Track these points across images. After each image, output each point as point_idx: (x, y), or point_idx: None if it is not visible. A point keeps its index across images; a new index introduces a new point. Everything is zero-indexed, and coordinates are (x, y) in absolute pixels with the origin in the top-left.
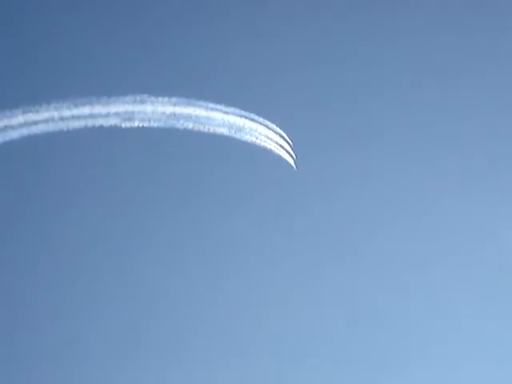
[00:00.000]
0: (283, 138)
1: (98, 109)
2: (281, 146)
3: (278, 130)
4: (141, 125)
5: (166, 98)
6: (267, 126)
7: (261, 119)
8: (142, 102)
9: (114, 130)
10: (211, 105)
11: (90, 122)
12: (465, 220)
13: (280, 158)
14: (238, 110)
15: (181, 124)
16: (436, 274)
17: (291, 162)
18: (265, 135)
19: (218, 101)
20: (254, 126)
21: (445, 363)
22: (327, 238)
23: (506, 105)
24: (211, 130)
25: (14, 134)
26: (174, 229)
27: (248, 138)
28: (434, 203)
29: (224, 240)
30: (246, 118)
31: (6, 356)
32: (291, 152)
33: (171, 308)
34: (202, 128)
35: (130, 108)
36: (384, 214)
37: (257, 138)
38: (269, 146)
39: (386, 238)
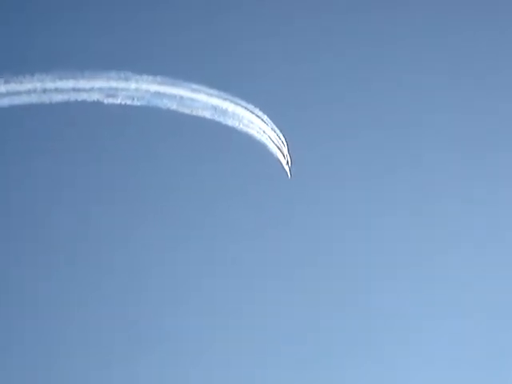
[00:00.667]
0: (274, 130)
1: (82, 83)
2: (269, 136)
3: (270, 121)
4: (123, 102)
5: (151, 77)
6: (254, 114)
7: (246, 104)
8: (127, 79)
9: (97, 105)
10: (197, 86)
11: (73, 96)
12: (468, 224)
13: (266, 145)
14: (225, 95)
15: (164, 104)
16: (436, 274)
17: (283, 162)
18: (258, 126)
19: (205, 84)
20: (239, 110)
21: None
22: (319, 237)
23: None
24: (195, 113)
25: None
26: (148, 209)
27: (232, 122)
28: (435, 206)
29: (203, 229)
30: (231, 102)
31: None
32: (284, 151)
33: (159, 305)
34: (186, 110)
35: (113, 84)
36: (383, 216)
37: (239, 123)
38: (251, 131)
39: (384, 239)
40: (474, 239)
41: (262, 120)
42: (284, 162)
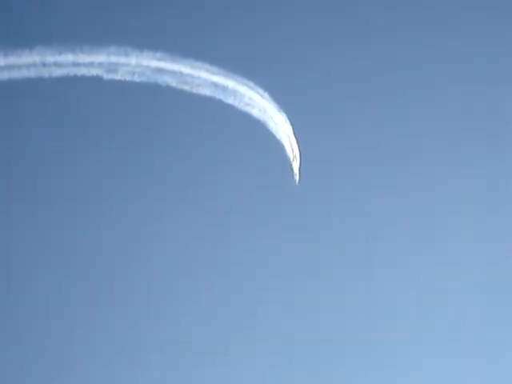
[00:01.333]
0: (278, 110)
1: (82, 58)
2: (271, 117)
3: (272, 100)
4: (123, 78)
5: (151, 53)
6: (255, 92)
7: (247, 82)
8: (127, 54)
9: (96, 80)
10: (198, 63)
11: (73, 71)
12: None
13: (267, 125)
14: (226, 72)
15: (164, 80)
16: (444, 278)
17: (287, 147)
18: (260, 105)
19: (208, 61)
20: (240, 88)
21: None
22: (318, 234)
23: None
24: (195, 90)
25: None
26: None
27: (233, 101)
28: (454, 207)
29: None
30: (232, 79)
31: None
32: (288, 132)
33: (159, 306)
34: (186, 87)
35: (114, 59)
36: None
37: (240, 101)
38: (252, 110)
39: (398, 241)
40: (477, 240)
41: (263, 97)
42: (288, 147)
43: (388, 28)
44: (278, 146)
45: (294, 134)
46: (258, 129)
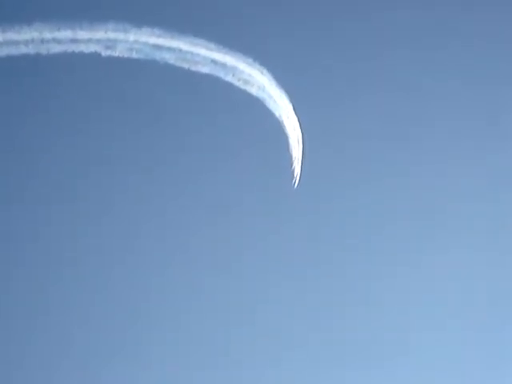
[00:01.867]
0: (277, 87)
1: (81, 34)
2: (271, 95)
3: (272, 77)
4: (121, 55)
5: (150, 29)
6: (255, 69)
7: (246, 58)
8: (125, 31)
9: (94, 56)
10: (197, 40)
11: (71, 47)
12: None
13: (267, 104)
14: (225, 49)
15: (162, 57)
16: (453, 283)
17: (288, 125)
18: (259, 82)
19: (207, 37)
20: (241, 66)
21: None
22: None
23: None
24: (193, 68)
25: None
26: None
27: (232, 78)
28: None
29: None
30: (232, 56)
31: None
32: (289, 112)
33: (159, 305)
34: (184, 64)
35: (112, 36)
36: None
37: (239, 79)
38: (251, 88)
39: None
40: (481, 237)
41: (262, 74)
42: (290, 128)
43: (392, 7)
44: (278, 125)
45: (295, 112)
46: (257, 107)
